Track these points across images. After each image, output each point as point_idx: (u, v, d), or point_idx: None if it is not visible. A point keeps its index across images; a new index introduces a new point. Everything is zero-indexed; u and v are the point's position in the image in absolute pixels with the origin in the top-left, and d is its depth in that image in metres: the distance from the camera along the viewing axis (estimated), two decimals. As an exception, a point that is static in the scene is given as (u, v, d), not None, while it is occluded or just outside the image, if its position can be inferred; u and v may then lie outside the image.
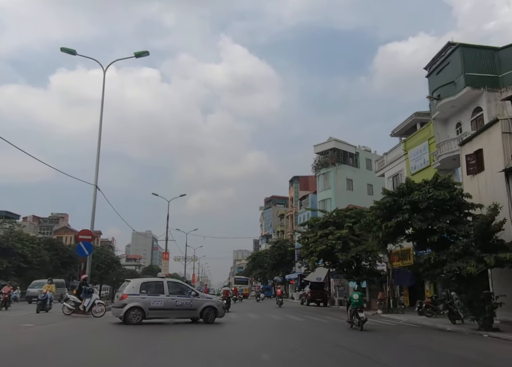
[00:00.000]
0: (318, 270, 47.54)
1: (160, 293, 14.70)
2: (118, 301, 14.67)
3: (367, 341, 12.72)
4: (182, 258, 70.52)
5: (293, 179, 76.49)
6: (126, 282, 15.47)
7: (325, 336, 13.50)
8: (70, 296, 17.58)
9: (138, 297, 14.26)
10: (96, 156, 20.46)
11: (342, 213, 31.45)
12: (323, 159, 49.60)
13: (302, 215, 57.87)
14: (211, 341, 11.28)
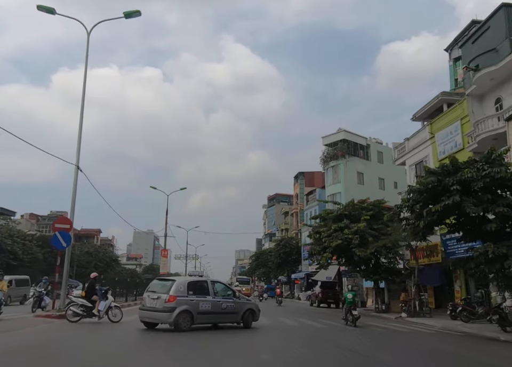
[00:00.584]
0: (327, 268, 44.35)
1: (206, 295, 12.86)
2: (162, 304, 11.89)
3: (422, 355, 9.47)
4: (182, 257, 67.25)
5: (298, 175, 73.21)
6: (163, 282, 13.28)
7: (368, 352, 10.15)
8: (77, 300, 14.13)
9: (187, 300, 12.17)
10: (78, 132, 17.21)
11: (358, 205, 28.13)
12: (332, 151, 46.29)
13: (309, 211, 54.53)
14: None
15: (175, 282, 12.48)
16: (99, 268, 64.61)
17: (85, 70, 17.27)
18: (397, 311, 26.10)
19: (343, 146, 45.21)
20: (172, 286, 12.23)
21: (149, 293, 12.62)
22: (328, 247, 26.47)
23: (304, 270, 52.61)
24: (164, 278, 14.57)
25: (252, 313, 14.00)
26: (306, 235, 30.77)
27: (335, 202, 29.85)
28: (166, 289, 12.26)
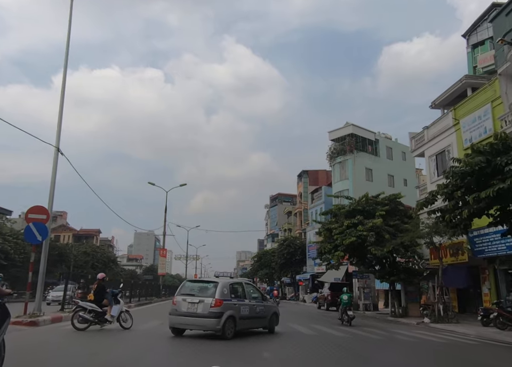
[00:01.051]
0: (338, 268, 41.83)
1: (244, 298, 11.94)
2: (207, 309, 10.54)
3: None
4: (183, 257, 64.77)
5: (302, 173, 70.79)
6: (202, 284, 11.91)
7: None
8: (86, 304, 12.14)
9: (231, 304, 11.11)
10: (59, 108, 14.84)
11: (372, 200, 25.71)
12: (339, 146, 43.86)
13: (314, 209, 52.10)
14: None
15: (219, 284, 11.14)
16: (97, 268, 62.43)
17: (67, 38, 14.88)
18: (415, 316, 23.68)
19: (351, 141, 42.78)
20: (217, 288, 10.95)
21: (185, 297, 11.05)
22: (340, 245, 24.05)
23: (310, 271, 50.12)
24: (202, 279, 13.11)
25: (276, 317, 13.29)
26: (315, 232, 28.21)
27: (347, 197, 27.41)
28: (209, 292, 11.02)
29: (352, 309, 18.55)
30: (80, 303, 12.24)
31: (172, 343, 10.14)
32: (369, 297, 30.25)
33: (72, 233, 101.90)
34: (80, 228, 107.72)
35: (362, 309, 29.70)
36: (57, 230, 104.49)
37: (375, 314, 27.11)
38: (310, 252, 51.00)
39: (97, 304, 12.13)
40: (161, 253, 39.16)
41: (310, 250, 50.89)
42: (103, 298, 12.31)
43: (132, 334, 11.63)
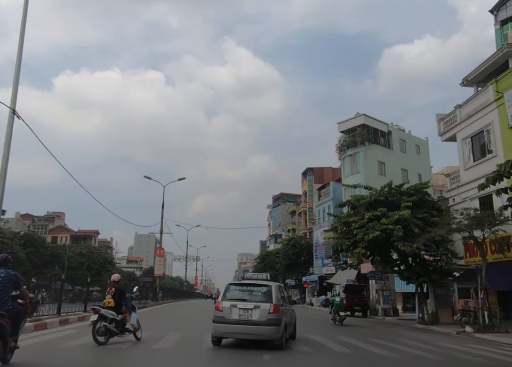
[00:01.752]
0: (346, 270, 38.36)
1: (284, 302, 10.76)
2: (265, 316, 9.36)
3: None
4: (182, 258, 61.31)
5: (306, 171, 67.38)
6: (252, 287, 10.25)
7: None
8: (107, 312, 9.78)
9: (285, 309, 10.24)
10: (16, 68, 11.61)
11: (396, 189, 22.30)
12: (350, 138, 40.45)
13: (321, 207, 48.63)
14: None
15: (273, 288, 10.07)
16: (92, 270, 59.04)
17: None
18: (447, 323, 20.27)
19: (362, 132, 39.36)
20: (272, 292, 9.87)
21: (235, 302, 9.72)
22: (361, 241, 20.62)
23: (317, 272, 46.64)
24: (250, 282, 11.09)
25: (296, 322, 12.12)
26: (326, 230, 24.56)
27: (367, 186, 23.94)
28: (263, 297, 9.85)
29: (343, 310, 19.69)
30: (101, 311, 9.70)
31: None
32: (389, 301, 26.78)
33: (70, 235, 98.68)
34: (78, 229, 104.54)
35: (381, 314, 26.22)
36: (54, 231, 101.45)
37: (398, 321, 23.64)
38: (317, 252, 47.59)
39: (117, 311, 9.97)
40: (158, 253, 35.76)
41: (318, 251, 47.49)
42: (122, 304, 10.24)
43: (166, 352, 8.88)
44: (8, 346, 6.15)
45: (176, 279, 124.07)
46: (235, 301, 9.72)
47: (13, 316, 6.26)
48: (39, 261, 46.06)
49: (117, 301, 10.05)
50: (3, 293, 6.30)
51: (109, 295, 10.19)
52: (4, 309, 6.12)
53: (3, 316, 5.97)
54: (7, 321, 6.01)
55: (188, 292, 70.15)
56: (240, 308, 9.52)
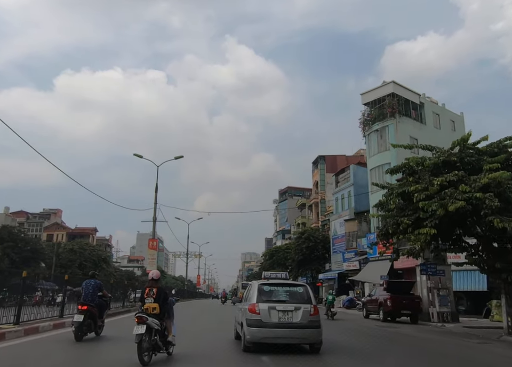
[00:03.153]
0: (374, 265, 31.75)
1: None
2: (307, 318, 8.45)
3: None
4: (183, 255, 54.67)
5: (318, 160, 60.72)
6: (286, 288, 9.16)
7: None
8: (153, 322, 7.05)
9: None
10: None
11: (472, 148, 15.59)
12: (377, 110, 33.80)
13: (339, 194, 41.90)
14: None
15: (308, 288, 9.21)
16: (85, 268, 52.55)
17: None
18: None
19: (392, 102, 32.70)
20: (309, 293, 9.00)
21: (273, 304, 8.60)
22: (429, 218, 13.94)
23: (335, 268, 39.93)
24: (283, 282, 9.37)
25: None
26: (382, 196, 17.27)
27: (427, 146, 17.25)
28: (302, 297, 8.86)
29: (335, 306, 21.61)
30: (149, 320, 7.01)
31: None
32: (447, 303, 19.98)
33: (66, 232, 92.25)
34: (75, 226, 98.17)
35: (438, 320, 19.43)
36: (50, 229, 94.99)
37: (468, 330, 16.92)
38: (335, 246, 40.89)
39: (161, 320, 7.43)
40: (150, 245, 29.12)
41: (336, 244, 40.80)
42: (165, 311, 7.67)
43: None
44: (97, 324, 10.32)
45: (179, 279, 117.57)
46: (273, 303, 8.68)
47: (99, 307, 10.44)
48: (18, 257, 39.46)
49: (162, 306, 7.52)
50: (94, 294, 10.36)
51: (150, 298, 7.50)
52: (94, 303, 10.24)
53: (93, 307, 10.09)
54: (96, 309, 10.17)
55: (189, 292, 63.35)
56: (280, 310, 8.54)
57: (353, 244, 37.04)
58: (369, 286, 28.41)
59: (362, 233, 35.44)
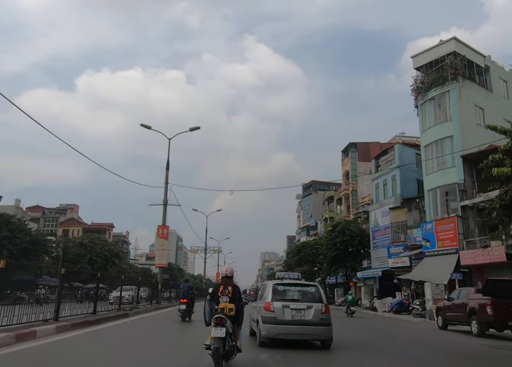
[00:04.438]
0: (433, 260, 25.46)
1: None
2: (319, 316, 8.90)
3: None
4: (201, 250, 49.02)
5: (348, 147, 54.45)
6: (298, 287, 9.57)
7: None
8: (230, 326, 6.34)
9: None
10: None
11: None
12: (434, 74, 27.40)
13: (381, 179, 35.52)
14: None
15: (319, 288, 9.73)
16: (96, 263, 47.55)
17: None
18: None
19: (454, 63, 26.30)
20: (321, 292, 9.53)
21: (287, 302, 9.07)
22: None
23: (377, 266, 33.59)
24: (296, 282, 9.79)
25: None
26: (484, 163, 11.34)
27: None
28: (313, 296, 9.33)
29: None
30: (227, 322, 6.25)
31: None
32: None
33: (82, 228, 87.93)
34: (92, 222, 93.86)
35: None
36: (65, 224, 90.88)
37: None
38: (376, 239, 34.60)
39: (236, 322, 6.71)
40: (159, 233, 23.38)
41: (377, 237, 34.50)
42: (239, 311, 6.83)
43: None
44: (191, 311, 15.10)
45: (197, 277, 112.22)
46: (286, 301, 9.14)
47: (191, 301, 15.37)
48: (17, 249, 34.34)
49: (238, 307, 6.57)
50: (188, 292, 15.42)
51: (225, 297, 6.52)
52: (188, 298, 15.09)
53: (188, 300, 14.93)
54: (189, 303, 14.98)
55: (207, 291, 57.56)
56: (293, 309, 9.00)
57: (400, 237, 30.72)
58: (431, 286, 22.16)
59: (413, 223, 29.11)
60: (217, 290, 6.62)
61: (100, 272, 18.80)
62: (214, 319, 6.21)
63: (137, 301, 19.89)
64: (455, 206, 25.71)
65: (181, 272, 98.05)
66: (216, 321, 6.15)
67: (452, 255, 23.95)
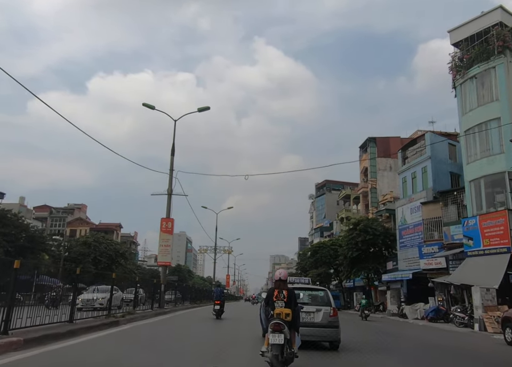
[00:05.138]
0: (476, 261, 21.74)
1: None
2: (327, 318, 9.36)
3: None
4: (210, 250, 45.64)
5: (367, 143, 50.78)
6: (308, 292, 10.23)
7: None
8: (287, 331, 5.90)
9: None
10: None
11: None
12: (476, 48, 23.80)
13: (409, 172, 31.85)
14: None
15: (328, 293, 10.22)
16: (100, 263, 44.37)
17: None
18: None
19: (502, 33, 22.71)
20: (329, 296, 9.97)
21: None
22: None
23: (404, 268, 29.89)
24: (306, 287, 10.63)
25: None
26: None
27: None
28: (322, 300, 9.87)
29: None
30: (285, 328, 5.89)
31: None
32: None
33: (89, 227, 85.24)
34: (99, 222, 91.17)
35: None
36: (73, 224, 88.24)
37: None
38: (404, 238, 30.94)
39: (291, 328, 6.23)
40: (162, 226, 20.07)
41: (404, 236, 30.85)
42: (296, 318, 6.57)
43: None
44: (222, 311, 17.73)
45: (207, 280, 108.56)
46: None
47: (223, 302, 17.95)
48: (11, 246, 31.28)
49: (294, 313, 6.21)
50: (220, 295, 18.01)
51: (280, 302, 6.18)
52: (221, 300, 17.68)
53: (220, 301, 17.59)
54: (222, 304, 17.56)
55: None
56: (303, 311, 8.55)
57: (434, 235, 27.05)
58: (480, 291, 18.54)
59: (451, 219, 25.45)
60: (272, 294, 6.38)
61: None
62: (271, 325, 5.94)
63: (134, 305, 16.47)
64: (501, 198, 22.10)
65: (190, 274, 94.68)
66: (274, 328, 5.89)
67: (502, 255, 20.25)
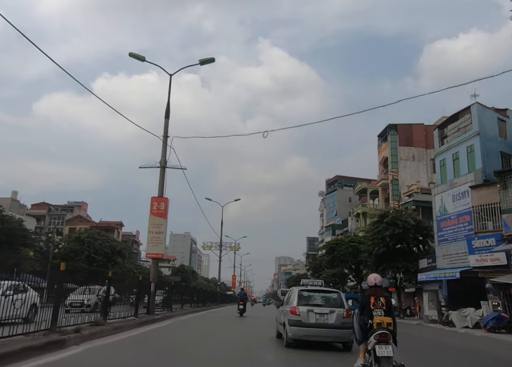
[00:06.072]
0: None
1: None
2: (340, 320, 9.48)
3: None
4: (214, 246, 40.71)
5: (387, 130, 45.67)
6: (321, 294, 10.34)
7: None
8: (392, 344, 5.45)
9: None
10: None
11: None
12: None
13: (450, 153, 26.69)
14: None
15: (341, 295, 10.45)
16: (95, 261, 39.71)
17: None
18: None
19: None
20: (342, 298, 10.22)
21: (312, 307, 9.68)
22: None
23: (445, 266, 24.75)
24: (319, 289, 10.49)
25: None
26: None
27: None
28: (335, 302, 9.95)
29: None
30: (391, 339, 5.50)
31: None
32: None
33: (89, 226, 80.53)
34: (100, 220, 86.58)
35: None
36: (72, 222, 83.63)
37: None
38: (443, 231, 25.80)
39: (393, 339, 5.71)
40: (153, 208, 15.12)
41: (444, 228, 25.69)
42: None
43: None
44: (244, 309, 21.83)
45: (211, 281, 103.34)
46: (311, 306, 9.68)
47: (246, 302, 21.25)
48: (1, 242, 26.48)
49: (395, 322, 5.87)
50: (244, 297, 22.40)
51: (379, 310, 5.76)
52: (244, 300, 21.66)
53: (243, 302, 21.56)
54: (244, 304, 21.77)
55: (223, 295, 48.86)
56: (317, 313, 9.49)
57: (487, 225, 21.95)
58: None
59: (511, 205, 20.36)
60: (368, 302, 5.92)
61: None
62: (376, 336, 5.46)
63: (105, 311, 11.41)
64: None
65: (194, 275, 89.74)
66: (380, 338, 5.45)
67: None
